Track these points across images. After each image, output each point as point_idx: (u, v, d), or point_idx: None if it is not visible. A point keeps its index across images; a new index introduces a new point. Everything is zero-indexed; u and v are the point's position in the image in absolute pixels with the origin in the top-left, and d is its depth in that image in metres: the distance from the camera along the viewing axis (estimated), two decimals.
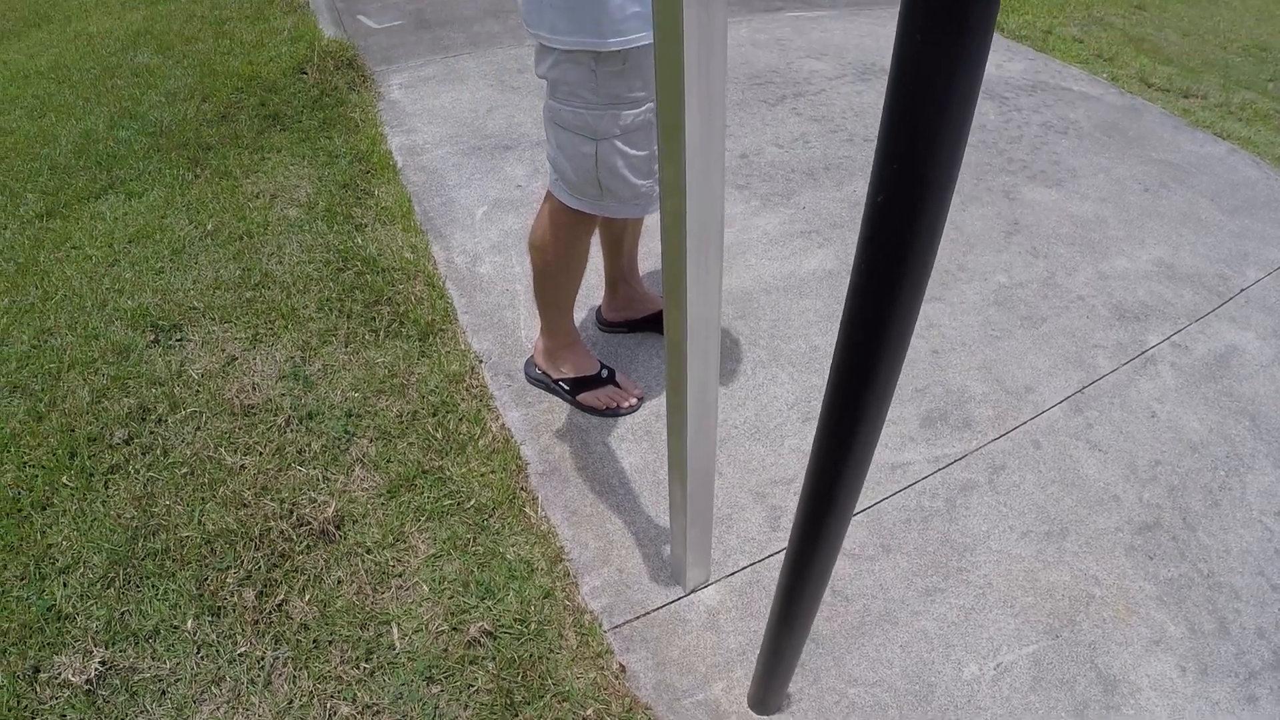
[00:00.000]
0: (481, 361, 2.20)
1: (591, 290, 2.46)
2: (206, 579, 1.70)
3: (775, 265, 2.69)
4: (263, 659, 1.56)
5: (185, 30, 4.77)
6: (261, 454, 1.95)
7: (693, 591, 1.69)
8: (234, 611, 1.64)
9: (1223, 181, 3.38)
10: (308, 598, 1.65)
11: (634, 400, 2.08)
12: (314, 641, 1.59)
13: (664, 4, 0.87)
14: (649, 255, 2.61)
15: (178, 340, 2.33)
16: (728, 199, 3.00)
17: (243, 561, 1.72)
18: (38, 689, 1.53)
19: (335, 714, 1.48)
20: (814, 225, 2.90)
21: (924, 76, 0.62)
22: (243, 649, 1.58)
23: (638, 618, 1.64)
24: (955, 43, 0.61)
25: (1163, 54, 4.93)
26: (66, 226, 2.94)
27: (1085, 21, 5.36)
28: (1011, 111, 3.84)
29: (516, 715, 1.48)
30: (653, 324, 2.32)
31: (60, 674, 1.53)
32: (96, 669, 1.54)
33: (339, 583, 1.68)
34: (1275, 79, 4.90)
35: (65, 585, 1.71)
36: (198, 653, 1.58)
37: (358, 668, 1.55)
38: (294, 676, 1.54)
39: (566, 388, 2.07)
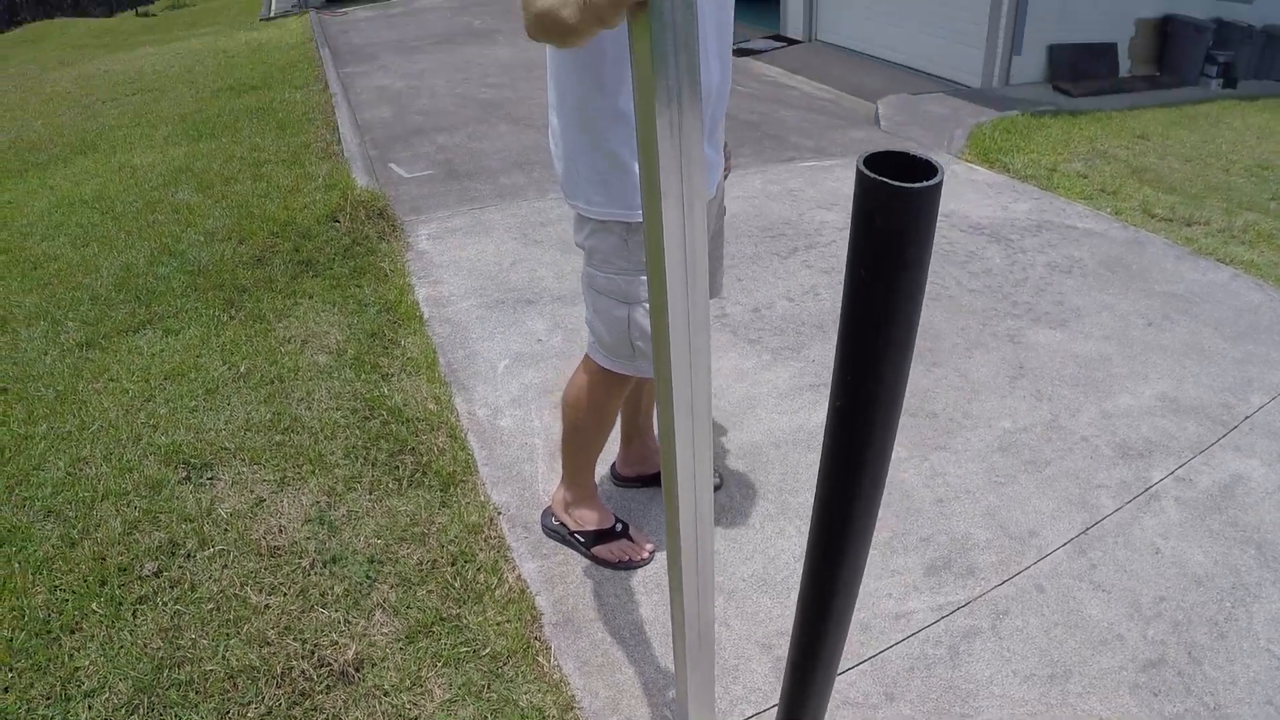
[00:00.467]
0: (500, 513, 2.44)
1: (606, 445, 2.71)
2: (228, 713, 1.88)
3: (785, 419, 2.93)
4: None
5: (225, 170, 5.26)
6: (286, 595, 2.16)
7: None
8: None
9: (1226, 308, 3.64)
10: None
11: (646, 554, 2.30)
12: None
13: (650, 201, 1.10)
14: None
15: (208, 479, 2.58)
16: (740, 354, 3.28)
17: (264, 698, 1.91)
18: None
19: None
20: (824, 378, 3.16)
21: (871, 303, 0.90)
22: None
23: None
24: (895, 277, 0.89)
25: (1165, 183, 5.27)
26: (105, 358, 3.25)
27: (1089, 155, 5.74)
28: (1017, 254, 4.16)
29: None
30: None
31: None
32: None
33: None
34: (1277, 197, 5.17)
35: (90, 708, 1.89)
36: None
37: None
38: None
39: (582, 540, 2.29)
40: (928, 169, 0.90)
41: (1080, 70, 8.00)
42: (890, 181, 0.86)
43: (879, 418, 0.93)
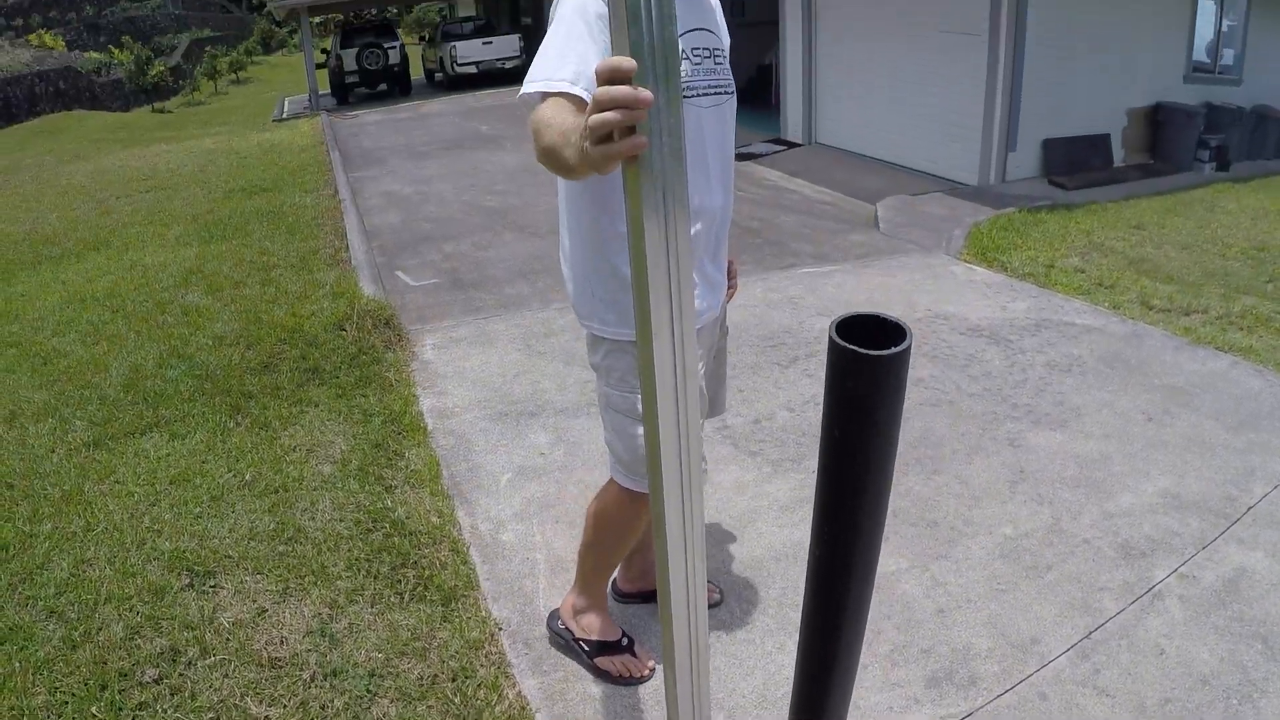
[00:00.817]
0: (501, 629, 2.53)
1: None
2: None
3: (786, 532, 2.98)
4: None
5: (234, 274, 5.48)
6: (286, 707, 2.24)
7: None
8: None
9: (1226, 397, 3.72)
10: None
11: (648, 671, 2.37)
12: None
13: (642, 336, 1.17)
14: None
15: (211, 587, 2.67)
16: (741, 467, 3.35)
17: None
18: None
19: None
20: None
21: (847, 461, 1.03)
22: None
23: None
24: (867, 436, 1.02)
25: (1163, 272, 5.38)
26: (112, 460, 3.37)
27: (1086, 249, 5.87)
28: (1016, 354, 4.25)
29: None
30: None
31: None
32: None
33: None
34: (1274, 279, 5.29)
35: None
36: None
37: None
38: None
39: (586, 649, 2.37)
40: (897, 332, 1.05)
41: (1075, 163, 8.26)
42: (859, 349, 1.00)
43: (857, 566, 1.06)
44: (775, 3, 10.62)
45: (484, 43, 18.85)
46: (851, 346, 0.98)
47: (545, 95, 1.59)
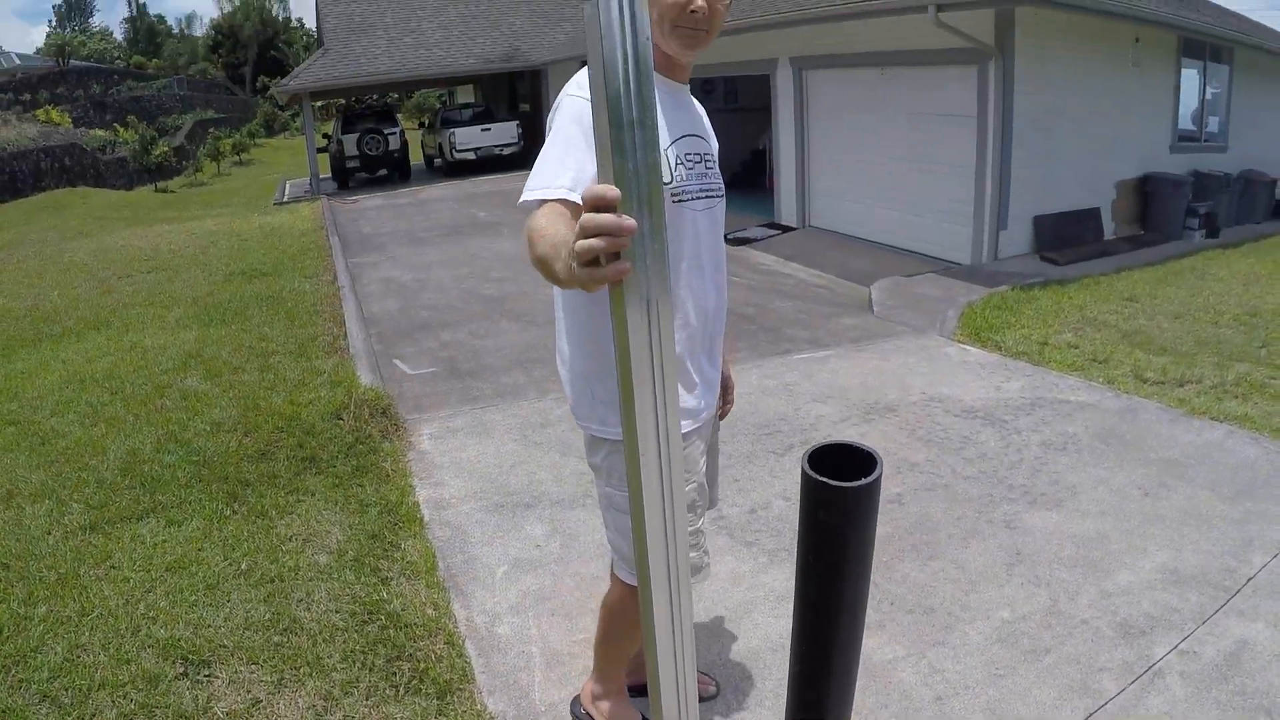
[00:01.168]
0: None
1: None
2: None
3: (782, 623, 2.96)
4: None
5: (233, 359, 5.59)
6: None
7: None
8: None
9: (1222, 468, 3.75)
10: None
11: None
12: None
13: (629, 452, 1.21)
14: None
15: (206, 676, 2.71)
16: (736, 557, 3.39)
17: None
18: None
19: None
20: None
21: (823, 584, 1.12)
22: None
23: None
24: (840, 563, 1.11)
25: (1156, 344, 5.43)
26: (108, 544, 3.43)
27: (1079, 324, 5.93)
28: (1011, 435, 4.29)
29: None
30: None
31: None
32: None
33: None
34: (1267, 344, 5.34)
35: None
36: None
37: None
38: None
39: None
40: (868, 460, 1.15)
41: (1066, 238, 8.40)
42: (830, 481, 1.10)
43: (836, 681, 1.14)
44: (768, 89, 10.98)
45: (483, 129, 19.32)
46: (823, 479, 1.07)
47: (543, 201, 1.63)
